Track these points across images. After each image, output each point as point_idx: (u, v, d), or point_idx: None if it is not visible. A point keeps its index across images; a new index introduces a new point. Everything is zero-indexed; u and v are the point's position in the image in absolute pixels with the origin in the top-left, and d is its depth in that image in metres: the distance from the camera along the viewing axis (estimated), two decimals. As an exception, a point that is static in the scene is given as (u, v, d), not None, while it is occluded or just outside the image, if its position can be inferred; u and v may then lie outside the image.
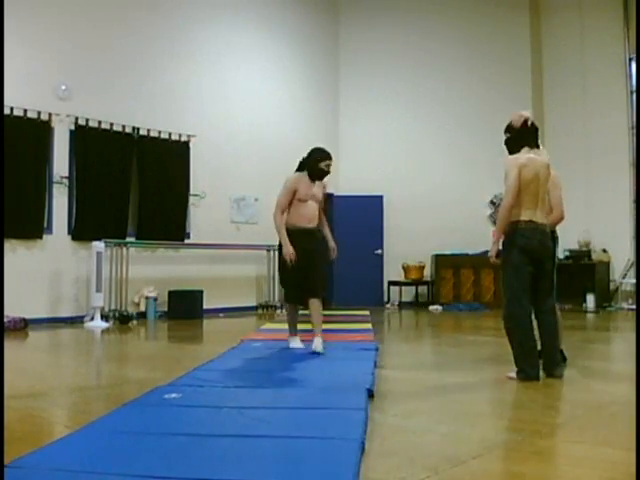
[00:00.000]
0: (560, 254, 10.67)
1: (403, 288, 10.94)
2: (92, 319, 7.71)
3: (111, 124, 8.41)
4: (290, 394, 3.44)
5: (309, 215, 5.08)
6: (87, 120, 8.21)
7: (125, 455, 2.33)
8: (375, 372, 4.06)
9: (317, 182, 5.15)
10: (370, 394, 3.36)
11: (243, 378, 3.89)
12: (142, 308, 8.45)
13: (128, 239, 8.50)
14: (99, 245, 7.78)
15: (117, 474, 2.11)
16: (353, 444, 2.38)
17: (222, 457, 2.33)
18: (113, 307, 8.08)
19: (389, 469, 2.24)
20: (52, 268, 7.90)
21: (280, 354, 4.97)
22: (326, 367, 4.32)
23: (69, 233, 8.08)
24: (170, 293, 8.63)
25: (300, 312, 5.28)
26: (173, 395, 3.30)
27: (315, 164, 5.10)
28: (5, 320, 6.70)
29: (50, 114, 7.89)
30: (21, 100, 7.62)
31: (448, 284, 10.64)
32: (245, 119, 9.99)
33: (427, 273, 10.93)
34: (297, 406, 3.11)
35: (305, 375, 3.99)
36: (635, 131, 10.31)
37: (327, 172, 5.17)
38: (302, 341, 5.22)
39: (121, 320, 7.87)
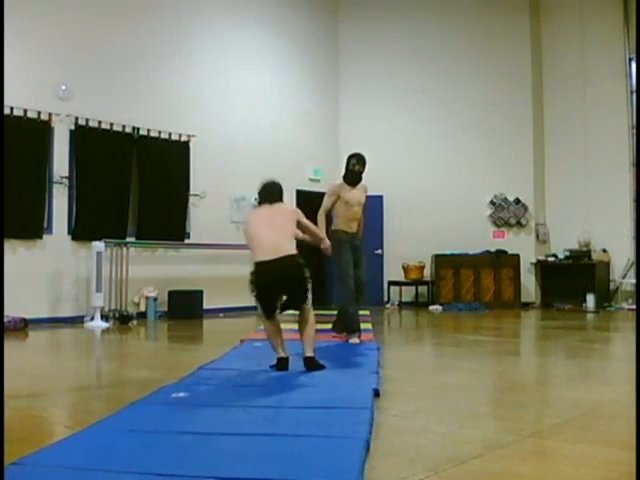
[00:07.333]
0: (560, 254, 10.72)
1: (403, 288, 10.94)
2: (92, 319, 7.71)
3: (111, 124, 8.41)
4: (295, 393, 3.45)
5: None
6: (87, 120, 8.21)
7: (133, 453, 2.34)
8: (379, 372, 4.06)
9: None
10: (376, 393, 3.37)
11: (248, 377, 3.90)
12: (142, 308, 8.45)
13: (128, 239, 8.50)
14: (99, 245, 7.78)
15: (125, 472, 2.12)
16: (358, 443, 2.38)
17: (229, 455, 2.34)
18: (113, 307, 8.08)
19: (389, 469, 2.25)
20: (52, 268, 7.90)
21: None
22: (330, 366, 4.31)
23: (69, 233, 8.08)
24: (170, 293, 8.63)
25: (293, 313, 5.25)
26: (181, 394, 3.31)
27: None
28: (5, 320, 6.70)
29: (50, 114, 7.89)
30: (21, 100, 7.62)
31: (448, 284, 10.63)
32: (245, 119, 9.99)
33: (427, 273, 10.92)
34: (302, 405, 3.11)
35: (309, 374, 3.99)
36: (635, 131, 10.30)
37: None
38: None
39: (121, 320, 7.87)
